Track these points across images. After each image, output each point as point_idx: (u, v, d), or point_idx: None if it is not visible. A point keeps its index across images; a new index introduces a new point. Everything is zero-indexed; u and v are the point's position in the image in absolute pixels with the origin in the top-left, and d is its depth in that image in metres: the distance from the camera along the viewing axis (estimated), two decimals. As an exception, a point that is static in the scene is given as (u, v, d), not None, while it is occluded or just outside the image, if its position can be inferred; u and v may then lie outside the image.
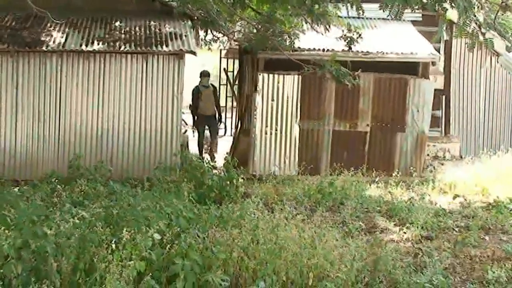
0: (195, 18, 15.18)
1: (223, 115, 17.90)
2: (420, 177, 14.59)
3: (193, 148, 16.55)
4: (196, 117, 17.10)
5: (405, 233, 10.41)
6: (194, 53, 13.84)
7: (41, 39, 13.70)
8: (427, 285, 7.77)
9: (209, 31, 16.32)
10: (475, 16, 10.75)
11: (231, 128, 17.75)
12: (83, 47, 13.62)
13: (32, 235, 7.23)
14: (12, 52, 13.52)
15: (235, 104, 19.59)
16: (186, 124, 18.11)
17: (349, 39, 13.76)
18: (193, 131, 17.47)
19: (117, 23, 14.80)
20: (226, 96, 21.09)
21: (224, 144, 17.65)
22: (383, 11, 10.93)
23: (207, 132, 17.20)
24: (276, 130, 15.28)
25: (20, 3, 12.50)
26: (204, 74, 17.05)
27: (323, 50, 15.03)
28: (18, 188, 10.58)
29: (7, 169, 13.63)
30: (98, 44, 13.74)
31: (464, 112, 18.31)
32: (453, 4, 10.65)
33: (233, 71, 21.27)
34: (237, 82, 19.61)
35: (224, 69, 20.43)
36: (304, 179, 13.94)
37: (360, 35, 13.70)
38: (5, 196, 9.30)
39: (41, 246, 7.02)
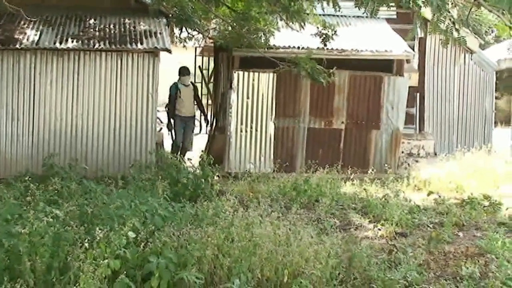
0: (170, 15, 15.15)
1: (199, 113, 17.27)
2: (394, 174, 14.64)
3: (168, 147, 16.45)
4: (173, 119, 16.22)
5: (379, 229, 10.45)
6: (169, 51, 13.80)
7: (14, 37, 13.59)
8: (401, 281, 7.79)
9: (184, 29, 16.23)
10: (449, 12, 10.81)
11: (206, 126, 17.67)
12: (57, 44, 13.54)
13: (5, 234, 7.19)
14: (-15, 50, 13.43)
15: (210, 102, 19.55)
16: (162, 122, 18.05)
17: (324, 36, 13.79)
18: (169, 132, 16.49)
19: (92, 21, 14.72)
20: (201, 94, 21.03)
21: (199, 142, 17.61)
22: (359, 9, 11.00)
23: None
24: (252, 127, 15.29)
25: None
26: (184, 72, 16.25)
27: (298, 47, 15.05)
28: (-8, 186, 10.50)
29: (-20, 167, 13.54)
30: (72, 41, 13.66)
31: (438, 109, 18.45)
32: (426, 2, 10.71)
33: (208, 69, 21.25)
34: (212, 80, 19.59)
35: (199, 67, 20.40)
36: (280, 177, 13.95)
37: (335, 32, 13.73)
38: (-22, 195, 9.24)
39: (15, 245, 6.98)
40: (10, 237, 7.11)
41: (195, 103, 16.42)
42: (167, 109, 16.51)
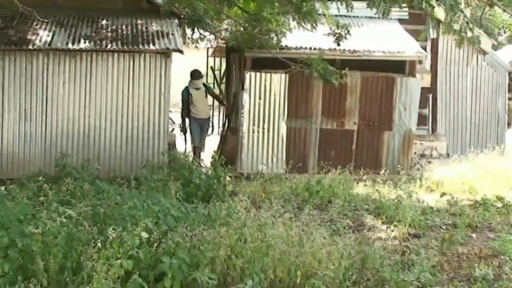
0: (182, 16, 15.16)
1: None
2: (407, 175, 14.58)
3: (180, 147, 16.43)
4: (189, 120, 15.99)
5: (392, 231, 10.43)
6: (181, 51, 13.80)
7: (27, 38, 13.62)
8: (414, 283, 7.79)
9: (196, 30, 16.23)
10: (462, 12, 10.77)
11: (219, 127, 17.63)
12: (70, 45, 13.55)
13: (19, 234, 7.22)
14: (-2, 50, 13.47)
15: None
16: (174, 123, 18.03)
17: (337, 35, 13.75)
18: (183, 134, 16.28)
19: (104, 22, 14.74)
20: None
21: (212, 143, 17.61)
22: (371, 9, 10.96)
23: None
24: (264, 128, 15.27)
25: (6, 1, 12.45)
26: (195, 76, 15.97)
27: (310, 48, 15.02)
28: (5, 187, 10.50)
29: (-7, 168, 13.59)
30: (85, 42, 13.68)
31: (451, 110, 18.38)
32: (439, 2, 10.67)
33: (220, 70, 21.24)
34: (224, 81, 19.58)
35: (211, 67, 20.39)
36: (292, 178, 13.92)
37: (348, 31, 13.69)
38: (-9, 195, 9.26)
39: (28, 245, 7.00)
40: (24, 237, 7.14)
41: (213, 100, 16.36)
42: (182, 112, 16.21)
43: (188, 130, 16.04)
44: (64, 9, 14.82)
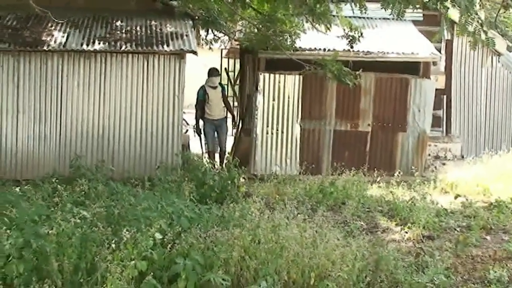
0: (196, 17, 15.19)
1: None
2: (421, 177, 14.55)
3: (194, 148, 16.43)
4: (203, 122, 15.73)
5: (406, 232, 10.40)
6: (195, 52, 13.82)
7: (42, 39, 13.69)
8: (428, 285, 7.76)
9: (210, 31, 16.26)
10: (476, 14, 10.74)
11: (233, 128, 17.63)
12: (84, 46, 13.60)
13: (33, 234, 7.24)
14: (13, 52, 13.51)
15: (236, 104, 19.55)
16: (187, 124, 18.05)
17: (351, 37, 13.74)
18: (197, 135, 16.03)
19: (118, 23, 14.80)
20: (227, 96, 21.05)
21: (226, 143, 17.60)
22: (385, 10, 10.93)
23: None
24: (277, 129, 15.27)
25: (21, 2, 12.50)
26: (213, 73, 15.83)
27: (324, 49, 15.02)
28: (19, 187, 10.55)
29: (8, 168, 13.63)
30: (99, 43, 13.73)
31: (465, 111, 18.31)
32: (454, 3, 10.65)
33: (234, 71, 21.27)
34: (238, 82, 19.60)
35: (225, 68, 20.42)
36: (306, 179, 13.92)
37: (361, 34, 13.68)
38: (6, 196, 9.28)
39: (43, 246, 7.02)
40: (38, 237, 7.16)
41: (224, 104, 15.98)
42: (196, 113, 15.93)
43: (202, 132, 15.84)
44: (78, 11, 14.87)
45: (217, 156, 15.65)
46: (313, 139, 15.52)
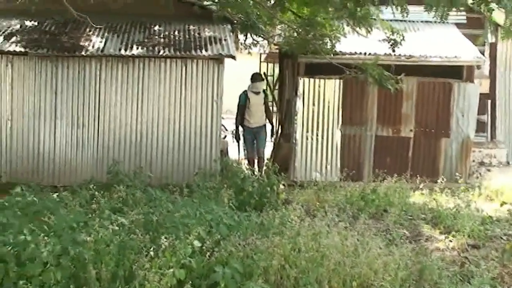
0: (235, 22, 15.18)
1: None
2: (465, 183, 14.39)
3: (233, 154, 16.41)
4: (242, 129, 15.58)
5: (451, 241, 10.29)
6: (233, 57, 13.80)
7: (80, 44, 13.78)
8: (474, 295, 7.66)
9: (248, 35, 16.24)
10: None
11: (271, 137, 17.56)
12: (122, 51, 13.66)
13: (71, 241, 7.27)
14: (52, 57, 13.62)
15: (275, 109, 19.51)
16: (226, 130, 18.04)
17: (392, 41, 13.65)
18: (235, 141, 15.87)
19: (156, 28, 14.86)
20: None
21: (265, 150, 17.57)
22: (428, 13, 10.83)
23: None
24: (317, 135, 15.21)
25: (60, 8, 12.61)
26: (256, 78, 15.59)
27: (365, 53, 14.94)
28: (57, 194, 10.59)
29: (46, 174, 13.74)
30: (137, 48, 13.78)
31: (510, 116, 18.05)
32: (500, 5, 10.51)
33: (273, 76, 21.25)
34: (277, 87, 19.56)
35: (264, 73, 20.37)
36: (346, 186, 13.83)
37: (403, 37, 13.58)
38: (44, 202, 9.34)
39: (80, 253, 7.05)
40: (76, 245, 7.18)
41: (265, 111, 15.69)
42: (236, 119, 15.73)
43: (241, 139, 15.68)
44: (116, 16, 14.98)
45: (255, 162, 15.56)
46: (354, 145, 15.43)
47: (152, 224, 8.35)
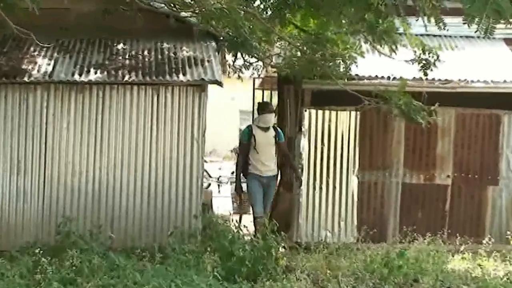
0: (221, 38, 15.23)
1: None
2: (519, 244, 14.43)
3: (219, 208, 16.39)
4: (246, 178, 14.83)
5: (500, 320, 10.28)
6: (219, 83, 13.79)
7: (22, 67, 13.78)
8: None
9: (239, 55, 16.31)
10: None
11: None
12: (76, 77, 13.66)
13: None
14: (-16, 84, 13.65)
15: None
16: (210, 177, 18.05)
17: (424, 62, 13.70)
18: (237, 194, 15.33)
19: (121, 46, 14.92)
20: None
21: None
22: (468, 26, 10.87)
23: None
24: (328, 183, 15.23)
25: (-3, 22, 12.65)
26: (265, 109, 14.88)
27: (389, 78, 15.04)
28: (-9, 261, 10.60)
29: (-24, 236, 13.70)
30: (96, 73, 13.80)
31: None
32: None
33: (270, 106, 21.30)
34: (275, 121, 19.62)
35: (259, 103, 20.44)
36: (365, 248, 13.81)
37: (438, 57, 13.63)
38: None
39: None
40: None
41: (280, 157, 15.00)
42: (236, 162, 15.31)
43: (248, 192, 14.86)
44: (69, 31, 15.00)
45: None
46: (375, 196, 15.47)
47: (114, 300, 8.33)
